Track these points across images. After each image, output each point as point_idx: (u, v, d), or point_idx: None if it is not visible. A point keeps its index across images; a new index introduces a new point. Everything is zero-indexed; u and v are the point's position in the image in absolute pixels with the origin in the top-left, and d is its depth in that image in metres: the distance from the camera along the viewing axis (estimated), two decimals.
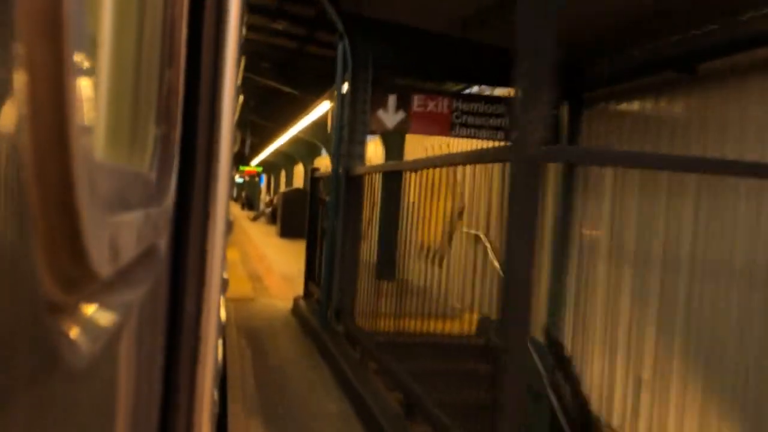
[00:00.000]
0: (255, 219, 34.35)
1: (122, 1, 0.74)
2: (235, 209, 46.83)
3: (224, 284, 1.20)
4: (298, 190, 24.66)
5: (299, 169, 29.55)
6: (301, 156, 26.27)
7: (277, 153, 28.74)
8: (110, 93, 0.70)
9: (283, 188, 35.25)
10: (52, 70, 0.37)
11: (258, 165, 39.30)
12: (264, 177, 42.52)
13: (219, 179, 0.99)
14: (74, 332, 0.44)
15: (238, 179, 47.18)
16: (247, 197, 50.54)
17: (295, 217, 23.61)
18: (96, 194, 0.46)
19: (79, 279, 0.46)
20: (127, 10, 0.75)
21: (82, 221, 0.42)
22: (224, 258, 1.08)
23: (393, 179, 6.59)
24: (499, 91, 8.84)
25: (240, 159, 35.77)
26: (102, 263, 0.48)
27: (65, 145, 0.39)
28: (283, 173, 36.19)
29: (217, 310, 1.00)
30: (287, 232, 23.43)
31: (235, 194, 50.88)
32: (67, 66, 0.38)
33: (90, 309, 0.51)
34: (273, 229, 26.10)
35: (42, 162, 0.37)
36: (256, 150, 29.25)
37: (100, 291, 0.52)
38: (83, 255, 0.44)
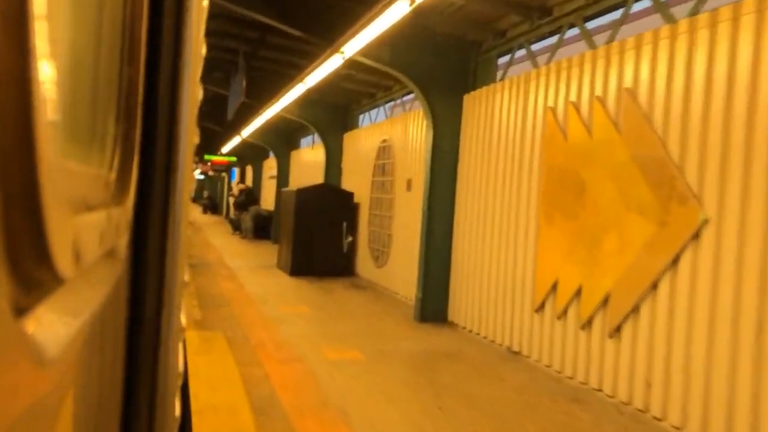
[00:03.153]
0: (239, 231, 22.63)
1: (81, 0, 0.71)
2: (196, 213, 35.32)
3: (184, 286, 1.14)
4: (324, 186, 13.45)
5: (307, 154, 18.06)
6: (320, 123, 14.73)
7: (268, 126, 17.31)
8: (70, 93, 0.66)
9: (267, 184, 23.56)
10: (15, 71, 0.36)
11: (229, 154, 27.39)
12: (236, 171, 30.56)
13: (178, 179, 0.97)
14: (36, 333, 0.43)
15: (199, 175, 35.58)
16: (210, 198, 39.39)
17: (318, 238, 12.59)
18: (60, 195, 0.46)
19: (42, 280, 0.46)
20: (86, 8, 0.73)
21: (46, 223, 0.42)
22: (185, 258, 1.04)
23: None
24: None
25: (211, 143, 23.93)
26: (65, 265, 0.49)
27: (29, 146, 0.39)
28: (269, 163, 24.20)
29: (178, 311, 0.98)
30: (302, 264, 12.53)
31: (193, 194, 39.12)
32: (31, 66, 0.37)
33: (52, 310, 0.49)
34: (268, 255, 14.97)
35: (6, 163, 0.37)
36: (249, 113, 15.84)
37: (62, 292, 0.52)
38: (47, 257, 0.44)
